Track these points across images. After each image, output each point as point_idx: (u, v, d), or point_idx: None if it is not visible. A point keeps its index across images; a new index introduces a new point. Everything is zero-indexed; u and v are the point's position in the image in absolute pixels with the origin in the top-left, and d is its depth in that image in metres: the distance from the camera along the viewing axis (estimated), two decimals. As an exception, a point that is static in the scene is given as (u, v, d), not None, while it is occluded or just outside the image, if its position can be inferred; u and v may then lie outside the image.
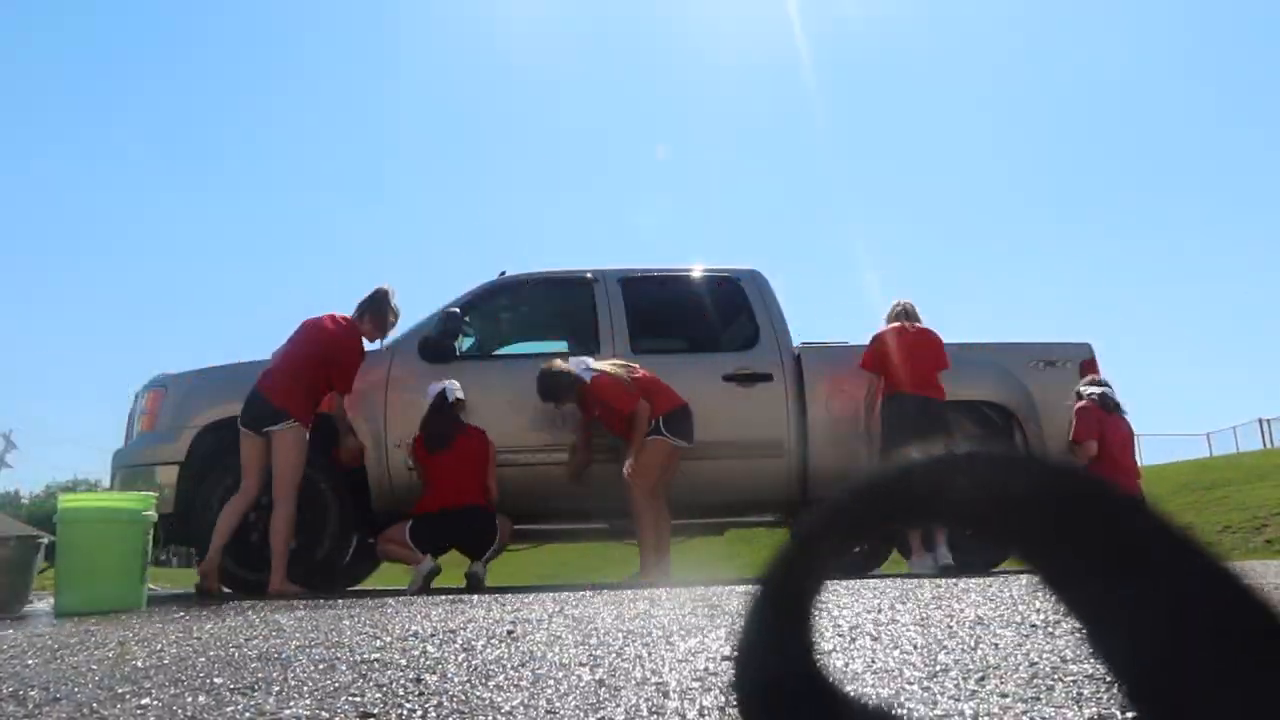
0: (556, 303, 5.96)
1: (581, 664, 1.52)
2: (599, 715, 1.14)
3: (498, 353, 6.01)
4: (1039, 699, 1.16)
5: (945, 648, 1.60)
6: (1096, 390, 5.30)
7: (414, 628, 2.22)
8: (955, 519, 0.41)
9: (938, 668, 1.40)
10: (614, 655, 1.61)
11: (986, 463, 0.38)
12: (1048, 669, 1.35)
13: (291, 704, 1.26)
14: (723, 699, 1.18)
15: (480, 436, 4.87)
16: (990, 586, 2.91)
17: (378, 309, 4.79)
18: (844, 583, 3.63)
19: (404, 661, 1.63)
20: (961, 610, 2.18)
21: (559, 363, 4.91)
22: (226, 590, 4.65)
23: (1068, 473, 0.37)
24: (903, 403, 5.02)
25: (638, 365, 4.97)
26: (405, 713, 1.18)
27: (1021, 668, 1.37)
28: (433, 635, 2.04)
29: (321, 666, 1.60)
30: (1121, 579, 0.36)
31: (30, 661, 1.88)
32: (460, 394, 4.85)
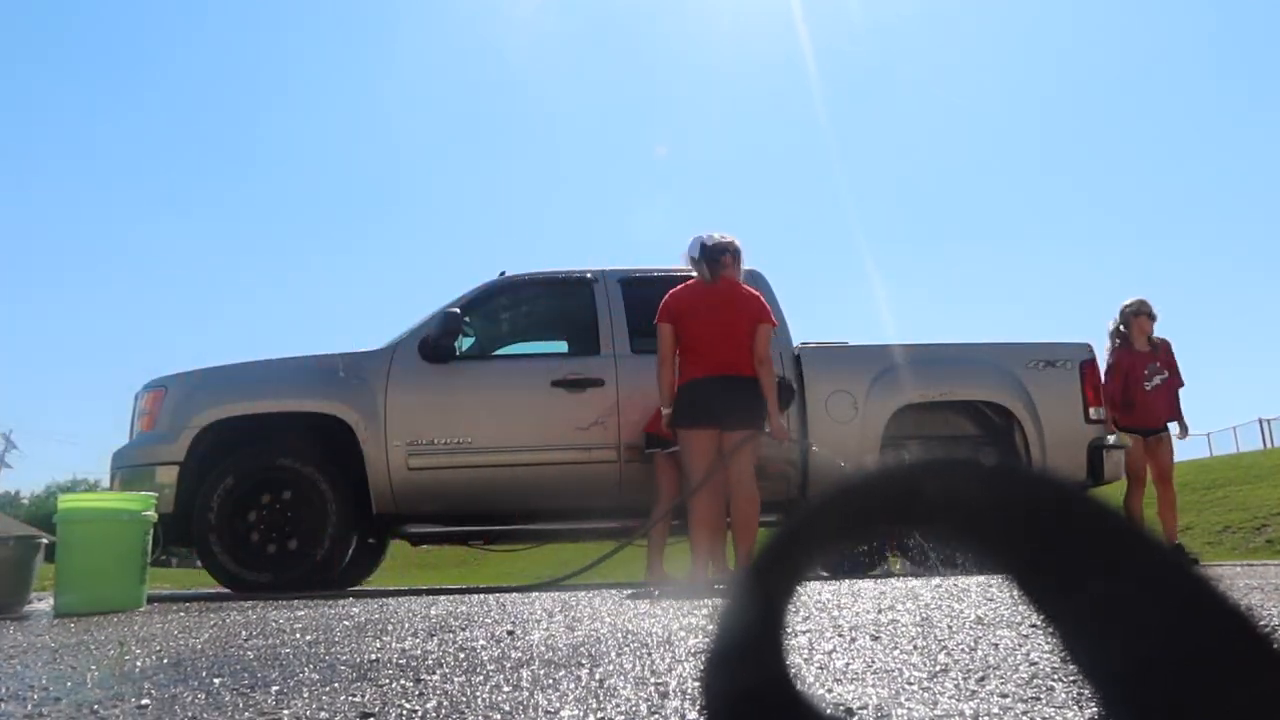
0: (556, 303, 5.95)
1: (581, 664, 1.52)
2: (599, 715, 1.14)
3: (498, 353, 6.01)
4: (1039, 699, 1.16)
5: (945, 648, 1.60)
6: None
7: (414, 628, 2.22)
8: (932, 526, 0.41)
9: (938, 668, 1.40)
10: (613, 655, 1.61)
11: (971, 471, 0.38)
12: (1048, 669, 1.35)
13: (291, 704, 1.26)
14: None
15: None
16: (990, 586, 2.91)
17: None
18: (844, 583, 3.63)
19: (404, 661, 1.63)
20: (961, 610, 2.18)
21: None
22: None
23: (1049, 484, 0.37)
24: None
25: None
26: (405, 713, 1.18)
27: (1021, 668, 1.37)
28: (433, 635, 2.04)
29: (321, 666, 1.60)
30: (1096, 589, 0.36)
31: (30, 661, 1.88)
32: None
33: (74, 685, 1.51)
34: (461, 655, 1.69)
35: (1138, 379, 5.88)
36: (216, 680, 1.49)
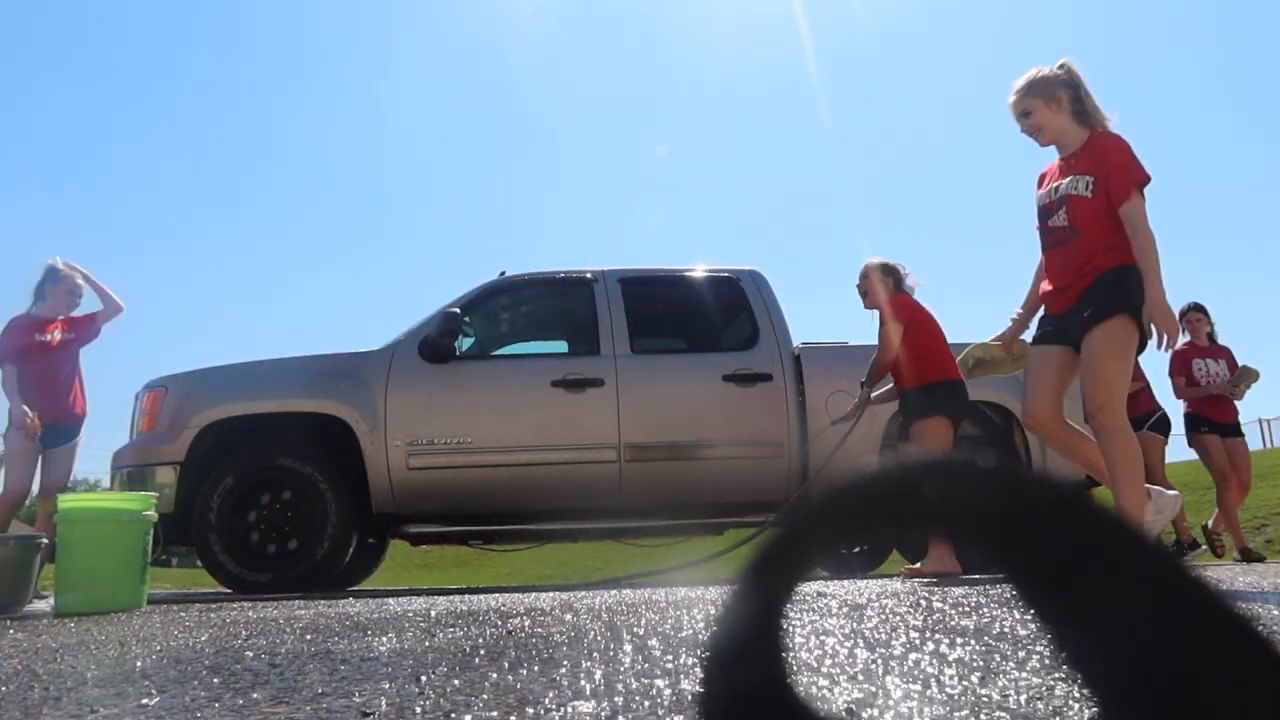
0: (556, 303, 5.96)
1: (581, 663, 1.52)
2: (600, 714, 1.14)
3: (497, 353, 6.01)
4: (1039, 699, 1.16)
5: (945, 647, 1.60)
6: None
7: (414, 628, 2.22)
8: (931, 527, 0.41)
9: (937, 668, 1.40)
10: (614, 655, 1.61)
11: (969, 473, 0.38)
12: (1047, 669, 1.35)
13: (292, 704, 1.26)
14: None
15: None
16: (990, 587, 2.91)
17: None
18: (844, 582, 3.63)
19: (404, 661, 1.63)
20: (961, 610, 2.18)
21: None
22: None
23: (1047, 485, 0.37)
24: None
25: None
26: (405, 713, 1.18)
27: (1022, 668, 1.37)
28: (432, 635, 2.04)
29: (321, 667, 1.60)
30: (1095, 590, 0.36)
31: (30, 661, 1.88)
32: None
33: (74, 685, 1.51)
34: (461, 655, 1.69)
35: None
36: (216, 680, 1.49)
